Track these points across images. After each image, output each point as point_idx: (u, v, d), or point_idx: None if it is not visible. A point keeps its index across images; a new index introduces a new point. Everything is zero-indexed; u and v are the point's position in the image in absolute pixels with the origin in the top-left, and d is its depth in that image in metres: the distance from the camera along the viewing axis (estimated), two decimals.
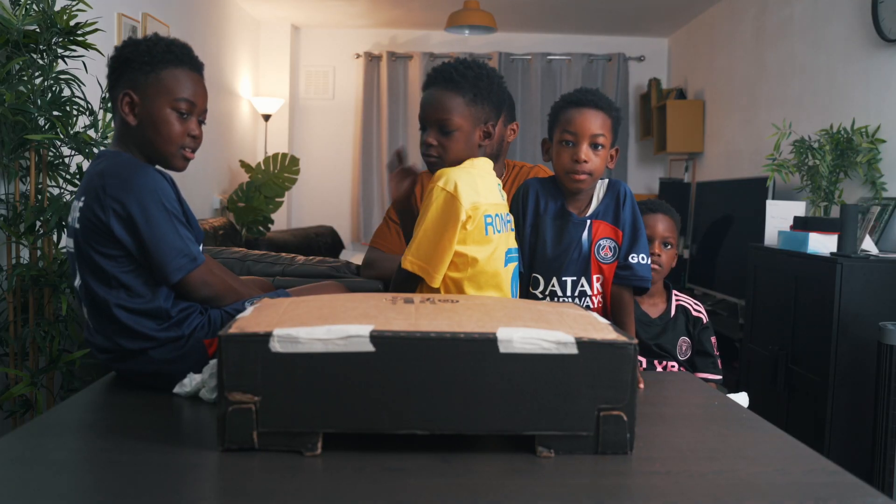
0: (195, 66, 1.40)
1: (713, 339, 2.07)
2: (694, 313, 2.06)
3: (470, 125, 1.42)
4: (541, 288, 1.55)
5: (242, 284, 1.48)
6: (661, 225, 1.97)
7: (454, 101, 1.41)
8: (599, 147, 1.50)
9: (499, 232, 1.41)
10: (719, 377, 2.05)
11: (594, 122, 1.49)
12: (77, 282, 1.36)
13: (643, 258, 1.54)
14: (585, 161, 1.49)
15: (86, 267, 1.32)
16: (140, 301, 1.32)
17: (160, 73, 1.35)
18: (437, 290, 1.40)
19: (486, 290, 1.40)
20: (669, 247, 2.00)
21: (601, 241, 1.54)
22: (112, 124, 2.25)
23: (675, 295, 2.08)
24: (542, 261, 1.54)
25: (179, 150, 1.38)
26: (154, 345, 1.32)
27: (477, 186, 1.38)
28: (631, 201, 1.56)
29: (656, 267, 1.90)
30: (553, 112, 1.56)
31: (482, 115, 1.43)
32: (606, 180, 1.58)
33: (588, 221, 1.54)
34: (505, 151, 2.12)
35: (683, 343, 2.03)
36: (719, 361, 2.08)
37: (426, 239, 1.37)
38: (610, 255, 1.54)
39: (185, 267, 1.32)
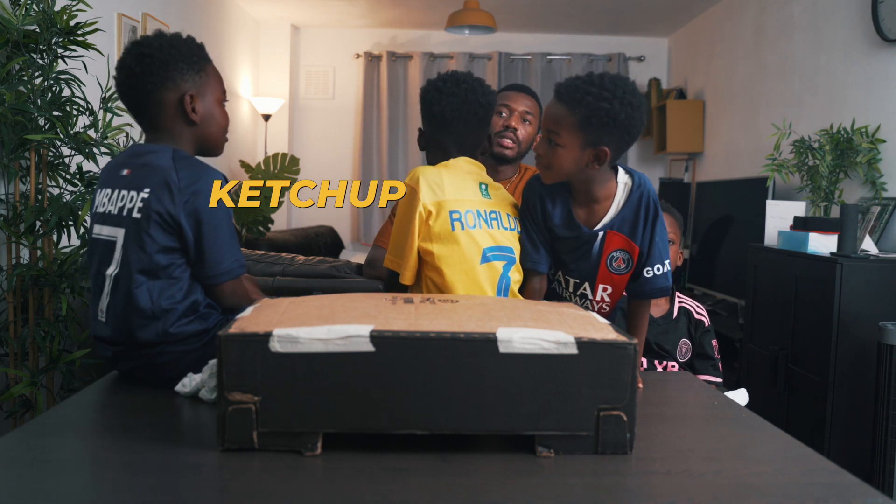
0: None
1: (714, 343, 2.07)
2: (696, 316, 2.07)
3: (421, 131, 1.59)
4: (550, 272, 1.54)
5: (259, 295, 1.49)
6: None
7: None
8: (552, 142, 1.36)
9: (471, 228, 1.41)
10: (720, 380, 2.05)
11: (549, 113, 1.37)
12: (111, 270, 1.33)
13: (658, 268, 1.45)
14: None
15: (134, 256, 1.30)
16: (182, 293, 1.32)
17: (206, 71, 1.41)
18: (406, 288, 1.45)
19: (457, 288, 1.40)
20: (672, 243, 2.02)
21: (614, 253, 1.45)
22: (112, 123, 2.25)
23: (678, 296, 2.08)
24: (553, 254, 1.51)
25: (225, 136, 1.47)
26: (178, 338, 1.32)
27: (443, 183, 1.42)
28: (654, 222, 1.42)
29: None
30: None
31: (423, 121, 1.57)
32: (629, 183, 1.43)
33: (600, 233, 1.44)
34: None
35: (684, 345, 2.03)
36: (720, 364, 2.08)
37: (397, 233, 1.45)
38: (623, 266, 1.46)
39: (234, 272, 1.35)
